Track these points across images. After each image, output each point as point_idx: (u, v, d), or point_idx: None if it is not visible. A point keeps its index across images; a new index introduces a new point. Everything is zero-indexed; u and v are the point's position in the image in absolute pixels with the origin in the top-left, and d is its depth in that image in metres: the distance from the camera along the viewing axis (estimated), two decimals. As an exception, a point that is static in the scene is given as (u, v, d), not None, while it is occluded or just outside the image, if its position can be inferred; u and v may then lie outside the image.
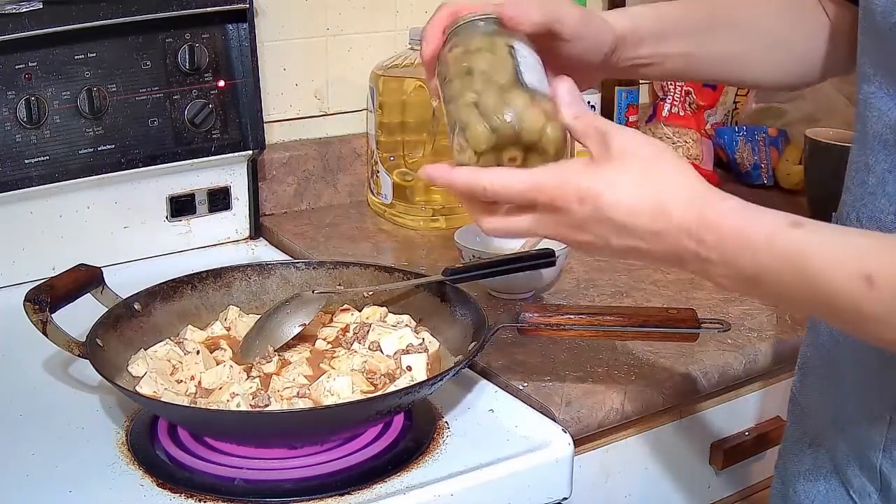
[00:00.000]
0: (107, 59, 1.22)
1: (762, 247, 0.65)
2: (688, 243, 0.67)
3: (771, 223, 0.66)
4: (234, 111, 1.33)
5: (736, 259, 0.66)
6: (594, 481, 1.04)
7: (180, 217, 1.34)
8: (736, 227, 0.66)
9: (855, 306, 0.62)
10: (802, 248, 0.64)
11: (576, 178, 0.70)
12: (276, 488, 0.85)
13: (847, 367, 0.82)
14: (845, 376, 0.82)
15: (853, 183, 0.80)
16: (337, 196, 1.53)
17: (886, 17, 0.71)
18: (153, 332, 1.02)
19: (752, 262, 0.65)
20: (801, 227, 0.65)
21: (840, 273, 0.62)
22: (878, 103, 0.75)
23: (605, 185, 0.69)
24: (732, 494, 1.17)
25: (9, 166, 1.17)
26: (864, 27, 0.77)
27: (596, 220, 0.69)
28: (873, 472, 0.79)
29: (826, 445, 0.86)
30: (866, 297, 0.61)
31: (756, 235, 0.65)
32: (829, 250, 0.64)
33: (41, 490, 0.84)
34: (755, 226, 0.66)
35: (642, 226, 0.68)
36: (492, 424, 0.95)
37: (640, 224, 0.68)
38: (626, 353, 1.06)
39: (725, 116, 1.77)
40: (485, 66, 0.75)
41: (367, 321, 1.05)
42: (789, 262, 0.64)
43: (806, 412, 0.90)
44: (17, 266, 1.22)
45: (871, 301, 0.61)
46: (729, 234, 0.66)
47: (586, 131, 0.72)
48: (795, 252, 0.64)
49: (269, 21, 1.42)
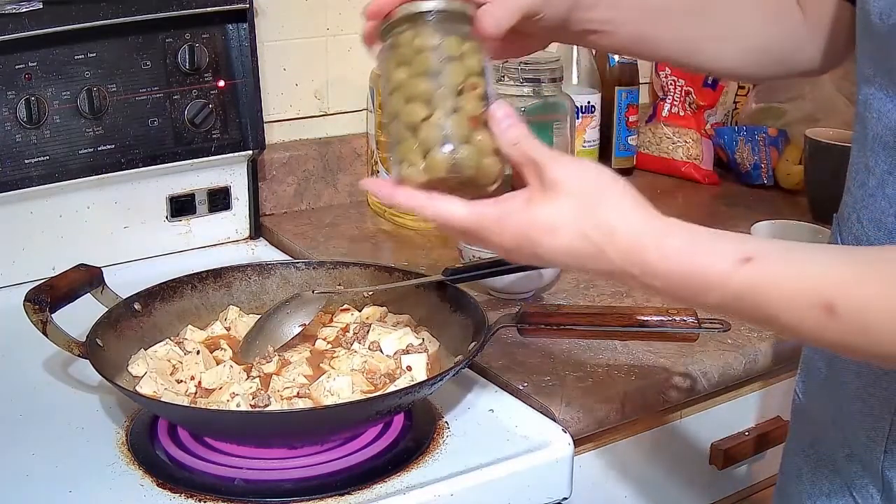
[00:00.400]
0: (107, 59, 1.22)
1: (713, 288, 0.64)
2: (633, 282, 0.67)
3: (720, 263, 0.64)
4: (234, 111, 1.33)
5: (685, 299, 0.66)
6: (594, 481, 1.04)
7: (180, 217, 1.34)
8: (682, 273, 0.65)
9: (818, 334, 0.62)
10: (755, 287, 0.63)
11: (515, 220, 0.70)
12: (276, 488, 0.85)
13: (849, 368, 0.82)
14: (847, 377, 0.82)
15: (854, 184, 0.79)
16: (337, 196, 1.53)
17: (884, 19, 0.71)
18: (153, 332, 1.02)
19: (705, 302, 0.65)
20: (752, 262, 0.63)
21: (798, 305, 0.61)
22: (877, 105, 0.74)
23: (541, 233, 0.69)
24: (732, 494, 1.17)
25: (9, 166, 1.17)
26: (861, 28, 0.77)
27: (539, 261, 0.70)
28: (876, 474, 0.79)
29: (828, 447, 0.85)
30: (828, 325, 0.61)
31: (705, 278, 0.64)
32: (784, 285, 0.62)
33: (41, 490, 0.84)
34: (703, 268, 0.64)
35: (585, 266, 0.69)
36: (492, 424, 0.95)
37: (581, 264, 0.69)
38: (626, 353, 1.06)
39: (725, 116, 1.77)
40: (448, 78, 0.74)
41: (367, 321, 1.05)
42: (743, 301, 0.63)
43: (808, 413, 0.90)
44: (17, 266, 1.22)
45: (833, 329, 0.61)
46: (676, 279, 0.65)
47: (521, 160, 0.71)
48: (748, 291, 0.63)
49: (269, 21, 1.42)
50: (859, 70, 0.78)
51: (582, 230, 0.67)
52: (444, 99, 0.73)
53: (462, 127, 0.73)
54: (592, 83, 1.66)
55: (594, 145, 1.65)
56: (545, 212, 0.69)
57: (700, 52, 0.91)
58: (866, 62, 0.76)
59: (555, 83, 1.47)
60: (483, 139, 0.73)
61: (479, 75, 0.75)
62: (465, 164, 0.72)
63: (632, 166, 1.72)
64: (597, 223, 0.67)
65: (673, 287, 0.66)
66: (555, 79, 1.46)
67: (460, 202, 0.72)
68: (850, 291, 0.60)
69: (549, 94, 1.46)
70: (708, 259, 0.64)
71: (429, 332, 1.02)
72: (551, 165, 0.69)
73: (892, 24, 0.70)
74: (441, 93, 0.73)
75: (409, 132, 0.74)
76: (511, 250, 0.71)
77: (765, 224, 1.32)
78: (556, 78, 1.47)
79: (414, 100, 0.74)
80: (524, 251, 0.70)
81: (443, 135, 0.72)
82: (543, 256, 0.70)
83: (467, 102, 0.73)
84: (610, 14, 0.85)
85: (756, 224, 1.32)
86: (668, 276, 0.65)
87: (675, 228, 0.67)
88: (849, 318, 0.60)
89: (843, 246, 0.80)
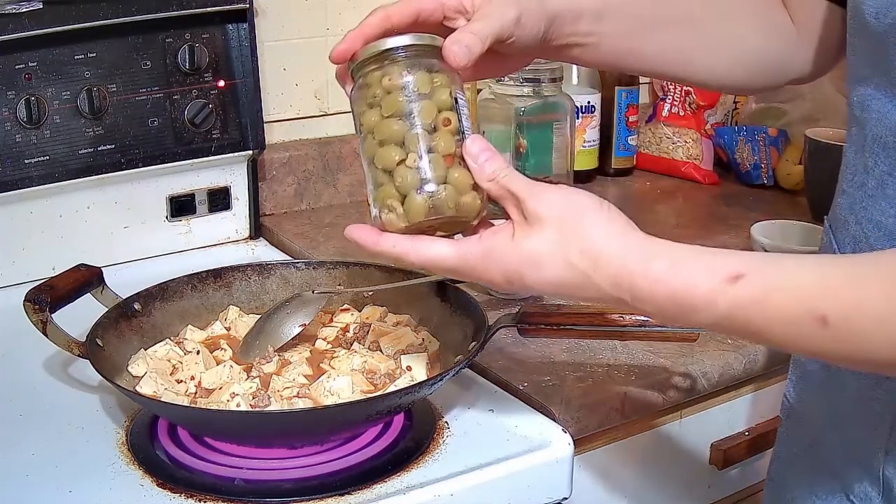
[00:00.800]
0: (107, 59, 1.22)
1: (703, 310, 0.64)
2: (624, 307, 0.68)
3: (708, 282, 0.63)
4: (234, 111, 1.33)
5: (677, 320, 0.66)
6: (594, 481, 1.04)
7: (180, 217, 1.34)
8: (672, 296, 0.65)
9: (810, 347, 0.62)
10: (745, 306, 0.62)
11: (500, 256, 0.70)
12: (276, 488, 0.85)
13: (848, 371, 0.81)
14: (846, 379, 0.81)
15: (850, 186, 0.78)
16: (337, 196, 1.53)
17: (881, 19, 0.70)
18: (153, 332, 1.02)
19: (696, 322, 0.65)
20: (741, 280, 0.63)
21: (790, 319, 0.61)
22: (876, 105, 0.73)
23: (527, 267, 0.69)
24: (732, 494, 1.17)
25: (9, 166, 1.17)
26: (854, 28, 0.75)
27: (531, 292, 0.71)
28: (875, 477, 0.78)
29: (824, 450, 0.85)
30: (821, 337, 0.60)
31: (694, 300, 0.64)
32: (775, 299, 0.62)
33: (41, 490, 0.84)
34: (693, 289, 0.64)
35: (574, 295, 0.69)
36: (492, 424, 0.95)
37: (571, 294, 0.69)
38: (626, 353, 1.06)
39: (725, 116, 1.77)
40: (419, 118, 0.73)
41: (367, 321, 1.05)
42: (734, 319, 0.63)
43: (802, 416, 0.89)
44: (17, 266, 1.22)
45: (828, 340, 0.60)
46: (666, 303, 0.65)
47: (500, 193, 0.71)
48: (739, 310, 0.63)
49: (269, 21, 1.42)
50: (852, 70, 0.77)
51: (568, 260, 0.67)
52: (417, 139, 0.72)
53: (438, 167, 0.72)
54: (592, 83, 1.66)
55: (594, 145, 1.65)
56: (529, 245, 0.69)
57: (689, 64, 0.89)
58: (861, 62, 0.75)
59: (555, 83, 1.47)
60: (460, 176, 0.72)
61: (452, 109, 0.74)
62: (444, 205, 0.72)
63: (632, 166, 1.72)
64: (581, 250, 0.67)
65: (663, 309, 0.66)
66: (555, 79, 1.47)
67: (445, 243, 0.72)
68: (842, 301, 0.60)
69: (549, 94, 1.47)
70: (695, 279, 0.64)
71: (429, 332, 1.02)
72: (532, 198, 0.69)
73: (888, 24, 0.69)
74: (414, 133, 0.72)
75: (386, 176, 0.73)
76: (501, 284, 0.71)
77: (765, 224, 1.32)
78: (556, 78, 1.47)
79: (387, 143, 0.73)
80: (514, 285, 0.71)
81: (419, 178, 0.72)
82: (534, 288, 0.70)
83: (441, 140, 0.72)
84: (595, 27, 0.83)
85: (756, 224, 1.32)
86: (658, 299, 0.65)
87: (661, 250, 0.66)
88: (842, 329, 0.60)
89: (832, 255, 0.79)
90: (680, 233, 1.39)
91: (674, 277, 0.65)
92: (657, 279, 0.65)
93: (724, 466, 1.12)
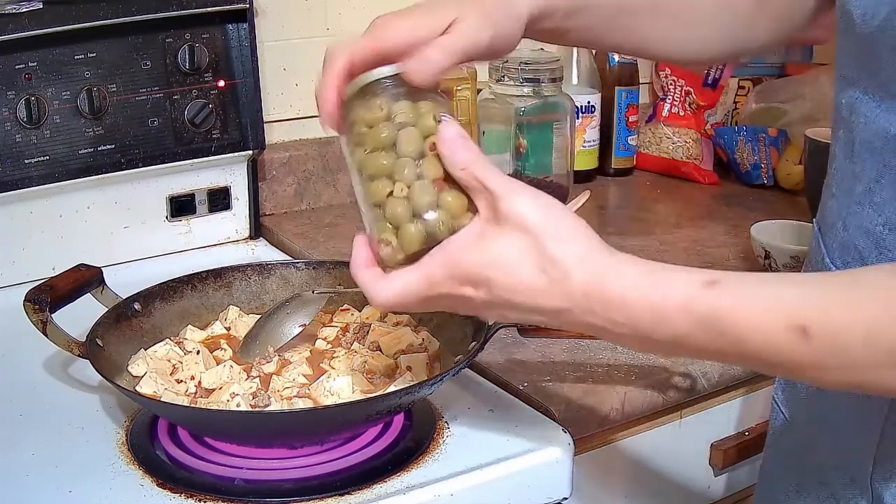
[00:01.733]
0: (107, 59, 1.22)
1: (678, 315, 0.62)
2: (594, 320, 0.65)
3: (684, 287, 0.62)
4: (234, 111, 1.33)
5: (651, 332, 0.63)
6: (594, 481, 1.04)
7: (180, 217, 1.34)
8: (646, 303, 0.62)
9: (790, 359, 0.60)
10: (722, 309, 0.61)
11: (465, 261, 0.67)
12: (276, 488, 0.85)
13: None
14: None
15: (839, 190, 0.77)
16: (337, 196, 1.53)
17: (868, 21, 0.68)
18: (153, 332, 1.02)
19: (670, 332, 0.63)
20: (718, 285, 0.61)
21: (768, 328, 0.60)
22: (863, 108, 0.72)
23: (495, 270, 0.66)
24: (732, 494, 1.17)
25: (9, 166, 1.17)
26: (842, 29, 0.74)
27: (496, 303, 0.67)
28: (864, 486, 0.76)
29: (812, 457, 0.83)
30: (802, 348, 0.59)
31: (670, 304, 0.62)
32: (753, 307, 0.60)
33: (41, 490, 0.84)
34: (668, 294, 0.62)
35: (543, 304, 0.66)
36: (492, 424, 0.95)
37: (540, 303, 0.66)
38: (626, 353, 1.06)
39: (725, 116, 1.77)
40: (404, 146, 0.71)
41: (367, 321, 1.05)
42: (709, 326, 0.61)
43: (792, 424, 0.88)
44: (17, 266, 1.23)
45: (808, 352, 0.59)
46: (640, 311, 0.63)
47: (473, 185, 0.68)
48: (714, 314, 0.61)
49: (269, 21, 1.42)
50: (839, 71, 0.75)
51: (541, 258, 0.65)
52: (404, 169, 0.71)
53: (427, 193, 0.70)
54: (592, 83, 1.66)
55: (594, 145, 1.66)
56: (499, 243, 0.66)
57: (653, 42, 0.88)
58: (848, 64, 0.74)
59: (555, 83, 1.47)
60: (453, 199, 0.70)
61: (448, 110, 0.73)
62: (439, 231, 0.70)
63: (632, 166, 1.72)
64: (556, 251, 0.65)
65: (634, 318, 0.63)
66: (555, 79, 1.47)
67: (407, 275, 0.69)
68: (824, 313, 0.59)
69: (549, 94, 1.47)
70: (671, 285, 0.63)
71: (429, 332, 1.02)
72: (507, 197, 0.66)
73: (876, 26, 0.67)
74: (400, 163, 0.71)
75: (379, 211, 0.72)
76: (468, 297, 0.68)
77: (765, 224, 1.32)
78: (556, 78, 1.47)
79: (376, 177, 0.72)
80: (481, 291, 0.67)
81: (410, 207, 0.70)
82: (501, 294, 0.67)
83: (429, 165, 0.71)
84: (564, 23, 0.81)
85: (756, 224, 1.32)
86: (632, 309, 0.63)
87: (636, 261, 0.65)
88: (824, 341, 0.58)
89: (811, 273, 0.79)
90: (680, 233, 1.39)
91: (649, 283, 0.63)
92: (631, 286, 0.63)
93: (724, 466, 1.12)
